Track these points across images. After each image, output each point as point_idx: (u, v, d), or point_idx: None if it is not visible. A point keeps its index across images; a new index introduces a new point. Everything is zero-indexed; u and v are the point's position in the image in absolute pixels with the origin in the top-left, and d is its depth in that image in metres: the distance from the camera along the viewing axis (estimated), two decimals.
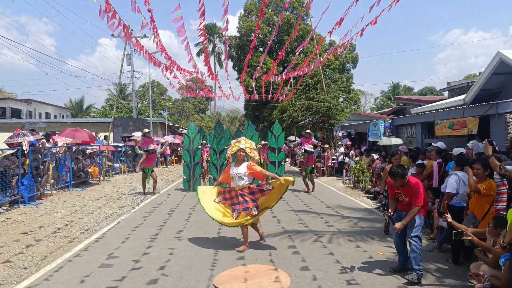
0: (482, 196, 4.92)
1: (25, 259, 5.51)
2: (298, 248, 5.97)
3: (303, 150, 12.75)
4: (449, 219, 4.73)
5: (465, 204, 5.39)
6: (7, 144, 10.59)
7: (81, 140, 14.56)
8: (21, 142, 10.77)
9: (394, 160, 7.59)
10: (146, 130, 13.87)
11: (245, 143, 6.36)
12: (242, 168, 6.08)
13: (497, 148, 7.64)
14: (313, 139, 13.68)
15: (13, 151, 9.70)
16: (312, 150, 12.15)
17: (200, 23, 8.33)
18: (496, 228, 4.30)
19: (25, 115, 36.10)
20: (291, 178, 5.98)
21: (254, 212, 5.91)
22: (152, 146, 11.77)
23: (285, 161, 19.75)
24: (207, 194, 6.24)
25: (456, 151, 7.25)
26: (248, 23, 35.71)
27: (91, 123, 28.78)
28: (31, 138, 10.87)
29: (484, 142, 6.99)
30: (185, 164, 12.84)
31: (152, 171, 11.72)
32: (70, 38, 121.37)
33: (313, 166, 12.39)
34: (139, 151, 12.74)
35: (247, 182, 6.06)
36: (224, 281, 4.55)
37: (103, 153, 15.99)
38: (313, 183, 12.19)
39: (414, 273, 4.50)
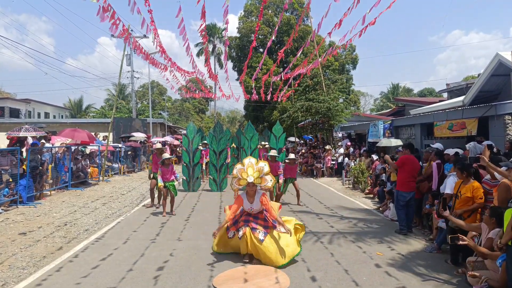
0: (469, 199, 5.21)
1: (24, 260, 5.50)
2: None
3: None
4: (446, 214, 5.01)
5: None
6: (8, 138, 10.58)
7: (80, 140, 14.56)
8: (21, 141, 10.76)
9: None
10: (166, 156, 8.85)
11: (252, 173, 5.46)
12: (257, 204, 5.42)
13: (495, 150, 7.66)
14: (269, 154, 10.07)
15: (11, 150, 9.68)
16: (275, 155, 9.78)
17: (201, 25, 8.33)
18: (491, 217, 4.37)
19: (24, 115, 36.06)
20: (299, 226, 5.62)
21: (261, 236, 5.21)
22: (167, 155, 8.88)
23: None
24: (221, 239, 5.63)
25: (451, 151, 7.29)
26: (248, 24, 35.70)
27: (91, 123, 28.76)
28: (33, 133, 10.83)
29: (483, 144, 7.03)
30: (184, 164, 12.83)
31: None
32: (69, 37, 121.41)
33: (294, 178, 10.03)
34: (160, 184, 8.62)
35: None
36: (224, 282, 4.55)
37: (102, 154, 15.98)
38: (298, 196, 10.12)
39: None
